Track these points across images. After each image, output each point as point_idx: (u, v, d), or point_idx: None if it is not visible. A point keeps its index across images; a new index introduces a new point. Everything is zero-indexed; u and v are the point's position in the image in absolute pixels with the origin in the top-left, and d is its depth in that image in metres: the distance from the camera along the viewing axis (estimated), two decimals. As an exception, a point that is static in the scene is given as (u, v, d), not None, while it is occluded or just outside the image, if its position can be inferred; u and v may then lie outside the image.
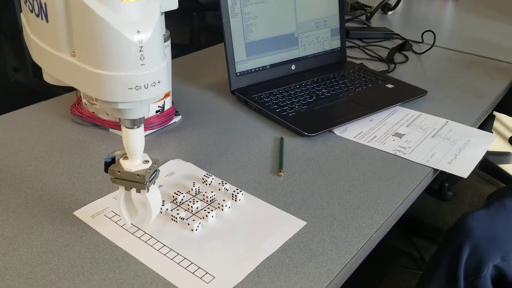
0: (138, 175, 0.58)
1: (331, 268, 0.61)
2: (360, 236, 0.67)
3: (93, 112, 0.92)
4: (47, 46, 0.54)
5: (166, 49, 0.87)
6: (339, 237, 0.66)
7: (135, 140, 0.58)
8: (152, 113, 0.90)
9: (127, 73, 0.50)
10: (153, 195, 0.62)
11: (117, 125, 0.90)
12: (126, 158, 0.60)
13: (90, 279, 0.58)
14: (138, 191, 0.60)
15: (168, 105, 0.93)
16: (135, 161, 0.59)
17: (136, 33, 0.49)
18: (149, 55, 0.50)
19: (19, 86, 2.88)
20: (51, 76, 0.58)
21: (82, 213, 0.69)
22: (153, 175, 0.61)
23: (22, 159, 0.81)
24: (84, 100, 0.94)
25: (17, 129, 0.90)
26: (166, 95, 0.92)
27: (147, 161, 0.60)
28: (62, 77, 0.55)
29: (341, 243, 0.65)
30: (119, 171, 0.59)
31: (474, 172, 0.97)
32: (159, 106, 0.91)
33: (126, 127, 0.57)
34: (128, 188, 0.61)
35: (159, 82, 0.53)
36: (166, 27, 0.80)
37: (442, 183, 1.95)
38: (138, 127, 0.58)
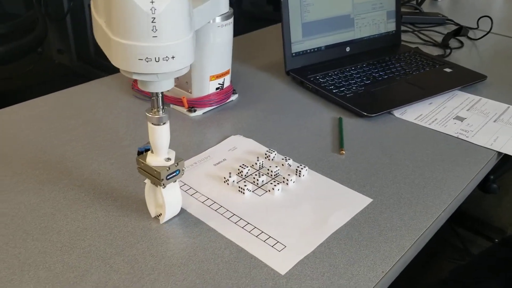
0: (156, 170, 0.58)
1: (401, 244, 0.61)
2: (428, 214, 0.67)
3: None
4: (94, 13, 0.55)
5: (227, 27, 0.87)
6: (407, 215, 0.66)
7: (159, 137, 0.58)
8: (212, 90, 0.91)
9: (137, 43, 0.49)
10: (171, 193, 0.61)
11: (178, 101, 0.91)
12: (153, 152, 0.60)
13: (167, 242, 0.60)
14: (156, 185, 0.60)
15: (227, 83, 0.94)
16: (158, 157, 0.59)
17: (150, 2, 0.47)
18: (162, 28, 0.49)
19: (63, 68, 2.94)
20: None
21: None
22: (173, 174, 0.60)
23: (91, 130, 0.83)
24: (144, 76, 0.96)
25: (83, 101, 0.93)
26: (225, 73, 0.93)
27: (169, 159, 0.59)
28: (102, 46, 0.55)
29: (409, 220, 0.65)
30: (143, 163, 0.60)
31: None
32: (219, 84, 0.92)
33: (152, 123, 0.57)
34: (152, 182, 0.61)
35: (173, 57, 0.51)
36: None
37: (487, 175, 1.91)
38: (164, 124, 0.57)
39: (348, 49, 1.13)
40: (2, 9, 2.32)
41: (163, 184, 0.59)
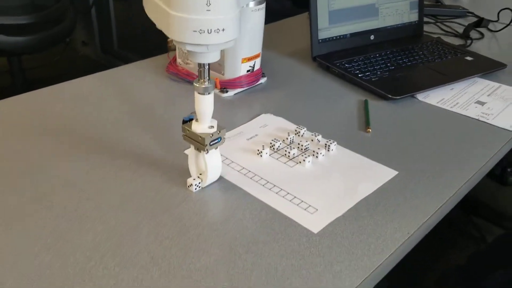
0: (200, 137, 0.63)
1: (426, 210, 0.66)
2: (451, 186, 0.71)
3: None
4: None
5: (259, 11, 0.92)
6: (431, 186, 0.71)
7: (204, 105, 0.63)
8: (243, 72, 0.96)
9: (193, 16, 0.55)
10: (213, 158, 0.66)
11: (211, 82, 0.97)
12: (197, 120, 0.65)
13: (208, 203, 0.65)
14: (200, 151, 0.65)
15: (257, 66, 0.99)
16: (202, 125, 0.64)
17: None
18: (215, 2, 0.54)
19: (87, 59, 3.02)
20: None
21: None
22: (216, 141, 0.65)
23: (130, 108, 0.89)
24: (179, 60, 1.02)
25: (121, 82, 0.98)
26: (256, 56, 0.98)
27: (212, 127, 0.65)
28: (156, 21, 0.61)
29: (433, 190, 0.70)
30: (188, 130, 0.65)
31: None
32: (250, 66, 0.97)
33: (198, 93, 0.62)
34: (195, 148, 0.66)
35: (223, 30, 0.56)
36: None
37: (504, 168, 1.94)
38: (209, 93, 0.62)
39: (372, 37, 1.17)
40: (30, 0, 2.39)
41: (207, 150, 0.64)
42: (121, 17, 2.92)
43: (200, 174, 0.68)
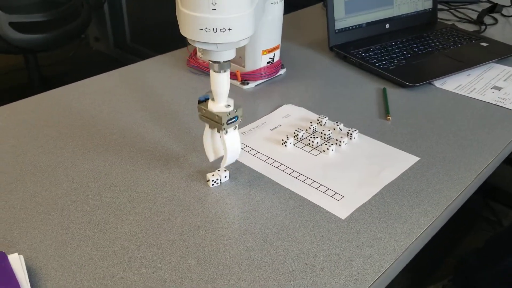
0: (217, 115, 0.63)
1: (449, 194, 0.68)
2: (471, 170, 0.73)
3: (209, 63, 1.01)
4: None
5: (278, 4, 0.94)
6: (452, 170, 0.72)
7: (220, 83, 0.62)
8: (263, 64, 0.98)
9: (198, 14, 0.55)
10: (231, 138, 0.66)
11: (232, 75, 0.98)
12: (214, 99, 0.65)
13: (237, 193, 0.67)
14: (218, 131, 0.66)
15: (277, 58, 1.01)
16: (219, 104, 0.64)
17: None
18: (221, 1, 0.54)
19: (100, 54, 3.05)
20: None
21: (218, 143, 0.78)
22: (233, 120, 0.64)
23: (154, 101, 0.91)
24: (199, 53, 1.03)
25: (143, 77, 1.01)
26: (276, 48, 1.00)
27: (229, 106, 0.64)
28: (177, 18, 0.61)
29: (454, 174, 0.71)
30: (204, 109, 0.65)
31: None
32: (269, 58, 0.99)
33: (214, 71, 0.62)
34: (211, 127, 0.67)
35: (229, 29, 0.56)
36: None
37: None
38: (225, 71, 0.62)
39: (387, 26, 1.18)
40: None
41: (224, 129, 0.64)
42: (133, 12, 2.94)
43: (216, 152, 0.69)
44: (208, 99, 0.66)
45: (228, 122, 0.64)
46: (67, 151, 0.76)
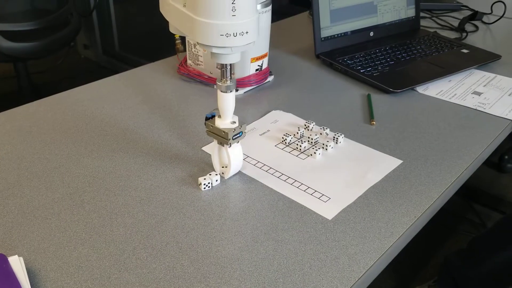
0: (224, 131, 0.69)
1: (430, 195, 0.71)
2: (452, 171, 0.76)
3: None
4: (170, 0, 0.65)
5: (266, 13, 0.97)
6: (434, 172, 0.76)
7: (226, 103, 0.68)
8: (252, 71, 1.01)
9: (220, 22, 0.60)
10: (235, 151, 0.71)
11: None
12: (220, 116, 0.71)
13: (228, 195, 0.70)
14: (223, 145, 0.71)
15: (265, 65, 1.04)
16: (225, 120, 0.70)
17: None
18: (240, 8, 0.59)
19: (89, 62, 3.07)
20: (173, 26, 0.69)
21: (209, 148, 0.81)
22: (238, 135, 0.70)
23: (147, 107, 0.94)
24: (189, 61, 1.06)
25: (136, 84, 1.03)
26: (264, 56, 1.03)
27: (234, 122, 0.70)
28: (177, 25, 0.66)
29: (436, 176, 0.75)
30: (211, 126, 0.70)
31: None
32: (258, 65, 1.02)
33: (221, 91, 0.67)
34: (218, 142, 0.72)
35: (247, 32, 0.61)
36: None
37: (502, 156, 1.99)
38: (231, 91, 0.68)
39: (371, 33, 1.22)
40: (32, 6, 2.43)
41: (229, 144, 0.69)
42: (121, 20, 2.96)
43: (222, 167, 0.74)
44: (214, 116, 0.71)
45: (234, 138, 0.69)
46: (62, 157, 0.78)
